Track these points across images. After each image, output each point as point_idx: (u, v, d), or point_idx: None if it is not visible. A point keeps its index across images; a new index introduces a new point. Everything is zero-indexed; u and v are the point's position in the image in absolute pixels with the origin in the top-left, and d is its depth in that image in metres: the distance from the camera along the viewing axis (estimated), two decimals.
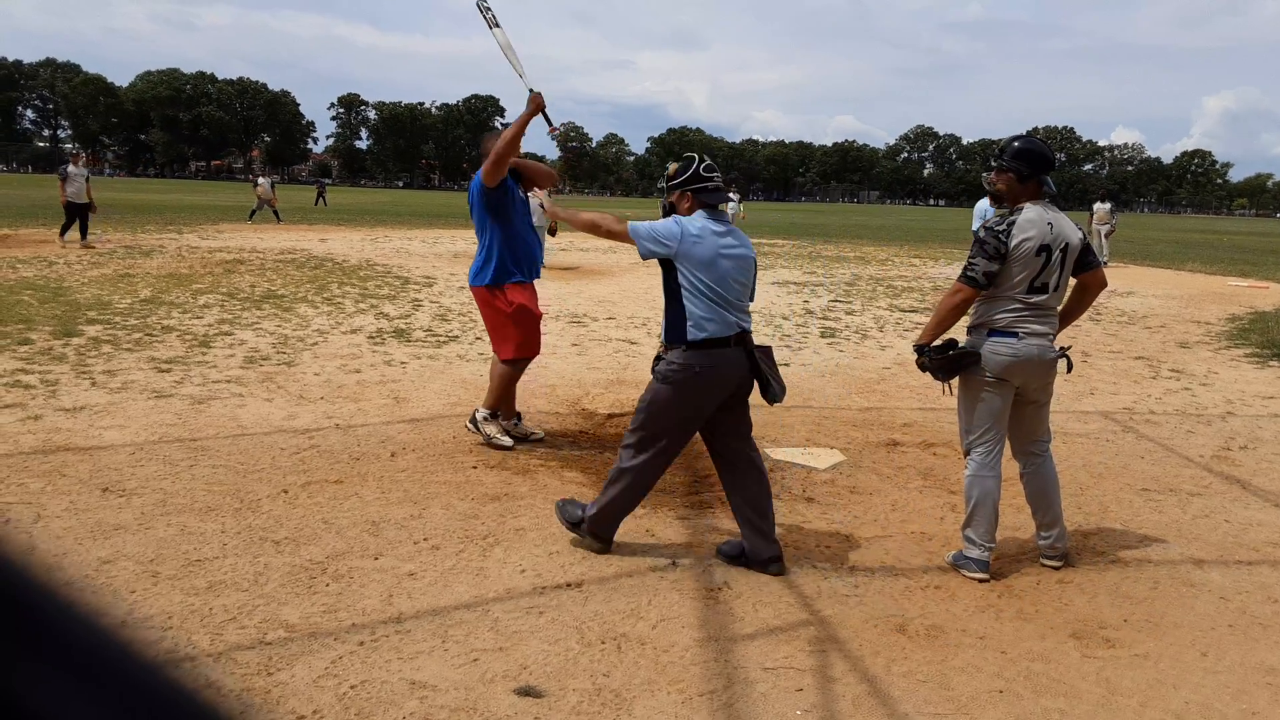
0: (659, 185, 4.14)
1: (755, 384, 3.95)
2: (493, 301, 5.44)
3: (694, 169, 3.96)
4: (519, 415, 5.81)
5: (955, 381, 4.11)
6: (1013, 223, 3.88)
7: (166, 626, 3.18)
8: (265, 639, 3.13)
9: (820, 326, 11.08)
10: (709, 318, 3.80)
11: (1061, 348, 3.98)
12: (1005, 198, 4.02)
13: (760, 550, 3.88)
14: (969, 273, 3.96)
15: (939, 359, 4.03)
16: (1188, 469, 5.66)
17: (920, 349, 4.11)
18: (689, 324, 3.81)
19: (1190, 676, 3.19)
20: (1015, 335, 3.89)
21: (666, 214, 4.04)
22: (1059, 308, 4.02)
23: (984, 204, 17.43)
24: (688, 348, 3.81)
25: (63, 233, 17.34)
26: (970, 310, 4.08)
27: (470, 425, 5.60)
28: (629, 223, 3.99)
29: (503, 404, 5.59)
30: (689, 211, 3.96)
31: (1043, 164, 3.96)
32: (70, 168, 17.23)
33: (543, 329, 5.76)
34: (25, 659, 0.30)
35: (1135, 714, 2.94)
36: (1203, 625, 3.59)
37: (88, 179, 17.31)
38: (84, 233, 17.33)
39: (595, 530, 3.98)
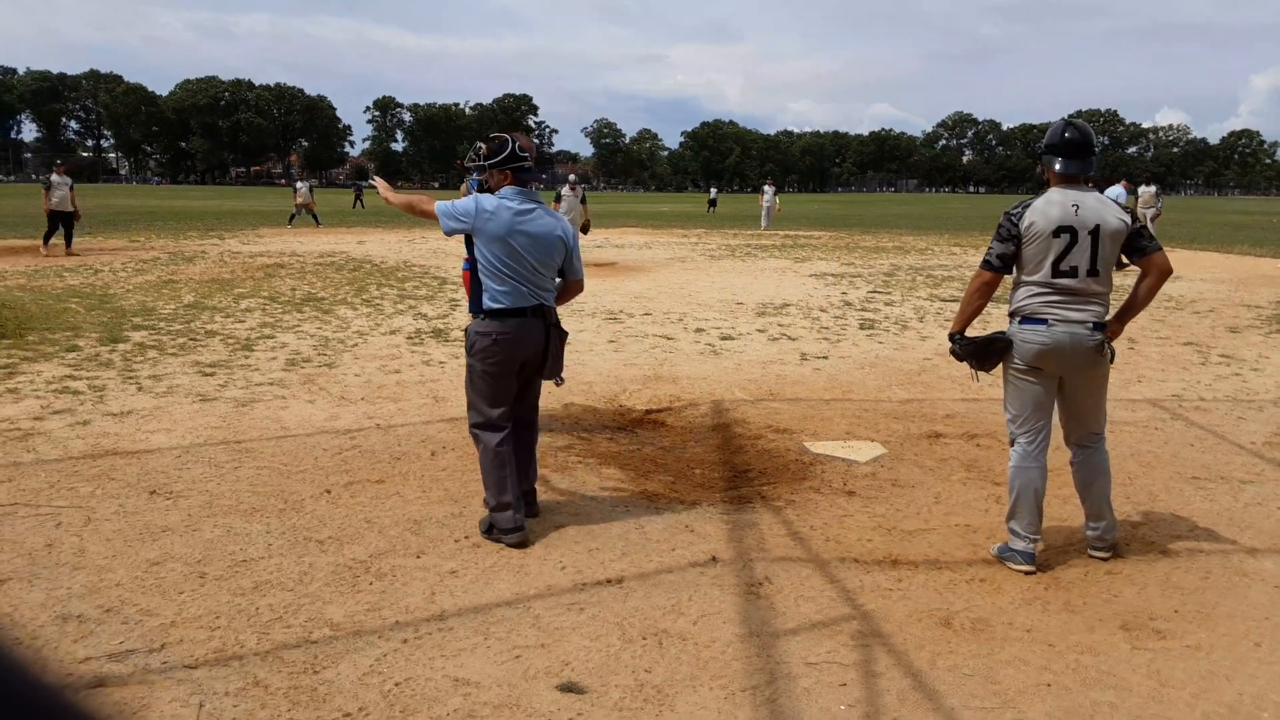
0: (467, 164, 4.43)
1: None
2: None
3: (510, 149, 4.09)
4: None
5: (995, 371, 4.05)
6: (1028, 204, 3.86)
7: (215, 626, 3.23)
8: (311, 638, 3.17)
9: (859, 318, 10.99)
10: (504, 290, 4.02)
11: (1107, 338, 3.86)
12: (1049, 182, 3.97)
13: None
14: (986, 256, 3.98)
15: (969, 347, 3.98)
16: (1239, 456, 5.53)
17: (952, 337, 4.08)
18: (485, 295, 4.05)
19: (1244, 668, 3.12)
20: (1044, 322, 3.81)
21: (482, 190, 4.24)
22: (1104, 293, 3.87)
23: (1116, 189, 17.28)
24: (485, 316, 4.06)
25: (45, 240, 17.79)
26: (1008, 298, 4.03)
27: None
28: (436, 203, 4.18)
29: None
30: (500, 187, 4.12)
31: (1052, 147, 3.89)
32: (54, 177, 17.77)
33: (579, 325, 5.76)
34: None
35: (1187, 706, 2.88)
36: (1256, 615, 3.51)
37: (71, 188, 17.78)
38: (69, 240, 17.76)
39: (491, 513, 4.08)
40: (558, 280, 4.29)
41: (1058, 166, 3.88)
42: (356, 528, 4.17)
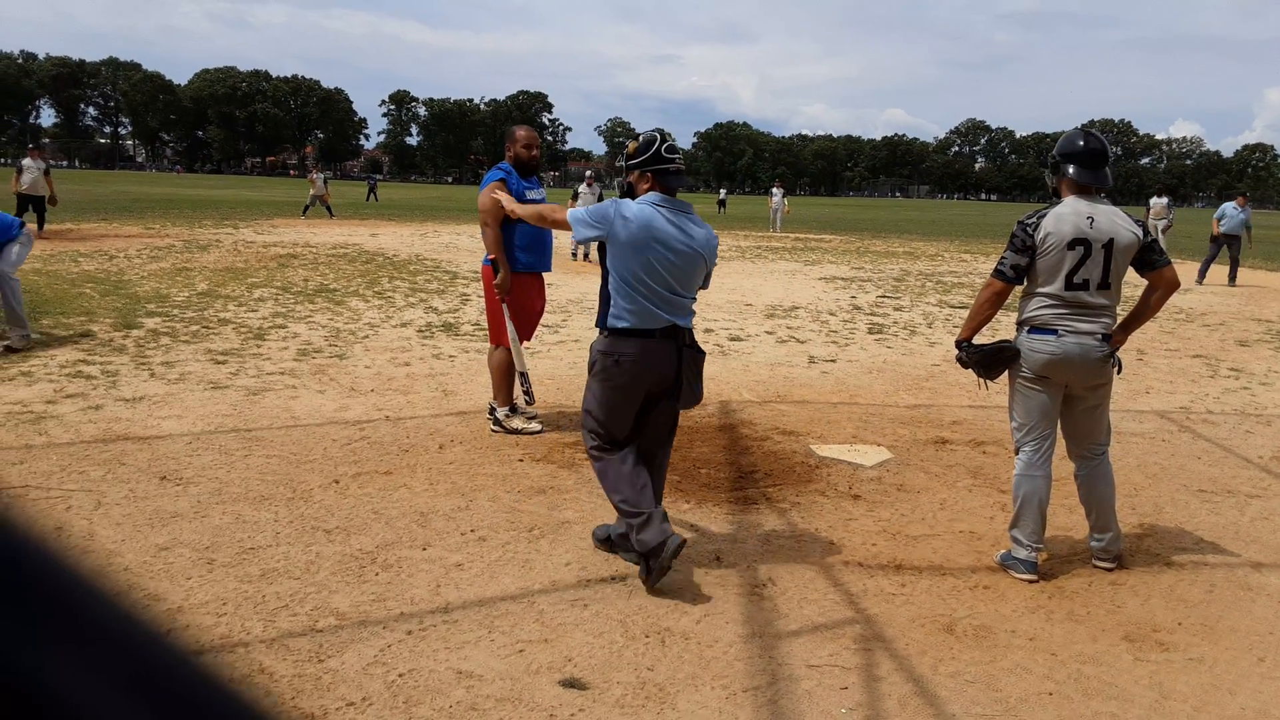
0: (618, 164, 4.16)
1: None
2: (486, 281, 5.69)
3: (655, 149, 3.73)
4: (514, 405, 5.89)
5: (1000, 379, 4.05)
6: (1043, 215, 3.83)
7: (221, 612, 3.26)
8: (317, 626, 3.20)
9: (868, 322, 10.98)
10: (631, 308, 3.63)
11: (1111, 348, 3.86)
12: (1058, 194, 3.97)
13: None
14: (999, 266, 3.92)
15: (976, 354, 3.97)
16: (1246, 470, 5.52)
17: (959, 344, 4.06)
18: (611, 311, 3.68)
19: (1247, 682, 3.12)
20: (1054, 332, 3.80)
21: (624, 194, 3.86)
22: (1112, 305, 3.86)
23: (1228, 206, 17.25)
24: (609, 334, 3.69)
25: None
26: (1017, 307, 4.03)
27: (494, 427, 5.69)
28: (568, 210, 3.90)
29: (507, 390, 5.75)
30: (645, 193, 3.76)
31: (1069, 155, 3.88)
32: (26, 161, 17.87)
33: (587, 323, 5.79)
34: (48, 643, 0.30)
35: (1189, 719, 2.88)
36: (1260, 630, 3.50)
37: (46, 172, 17.85)
38: (41, 224, 17.86)
39: (629, 526, 3.64)
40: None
41: (1073, 174, 3.85)
42: (364, 518, 4.20)
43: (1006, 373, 3.99)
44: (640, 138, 3.82)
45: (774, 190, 35.17)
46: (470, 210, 38.06)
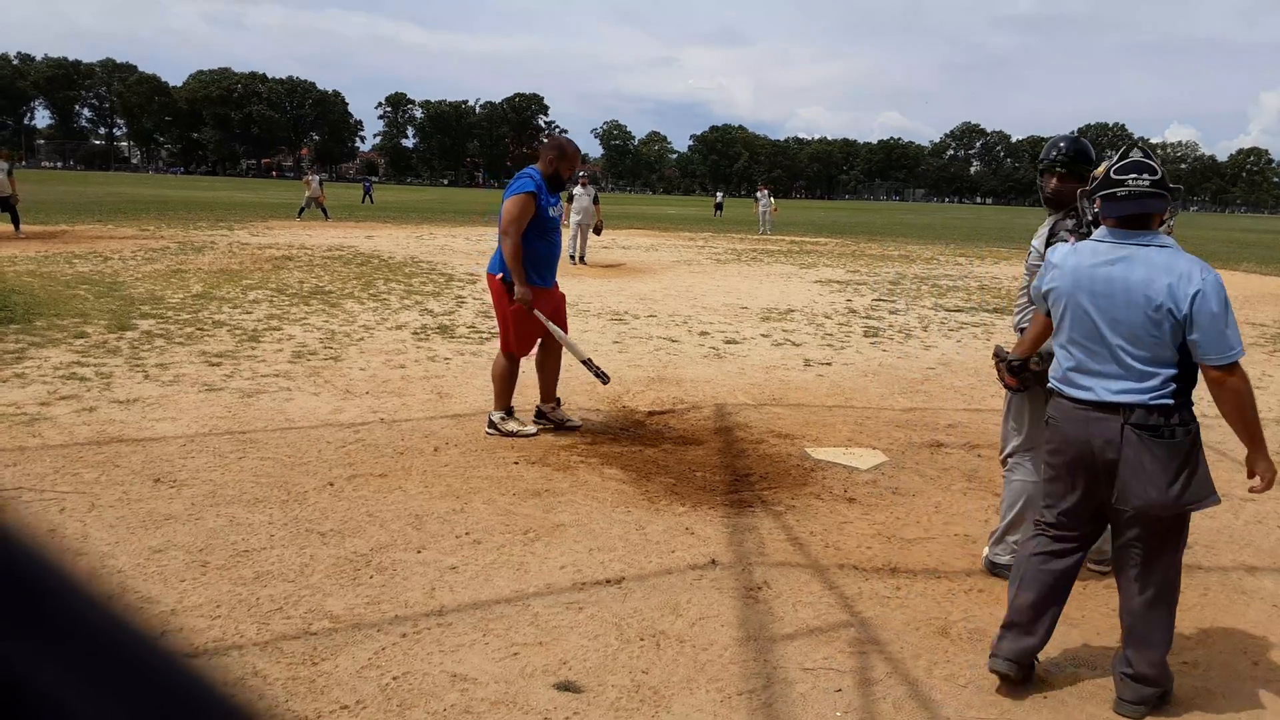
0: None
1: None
2: (503, 294, 5.60)
3: (1105, 174, 3.04)
4: (558, 400, 5.98)
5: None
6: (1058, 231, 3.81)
7: (215, 615, 3.25)
8: (310, 629, 3.19)
9: (863, 325, 10.99)
10: (1059, 373, 3.08)
11: None
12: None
13: None
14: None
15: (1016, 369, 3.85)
16: (1239, 473, 5.50)
17: (1014, 361, 3.73)
18: (1053, 365, 3.16)
19: (1242, 686, 3.12)
20: None
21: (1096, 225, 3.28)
22: None
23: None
24: (1049, 393, 3.16)
25: None
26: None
27: (490, 430, 5.67)
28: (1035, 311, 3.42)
29: (506, 396, 5.74)
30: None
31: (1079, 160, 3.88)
32: None
33: (583, 326, 5.79)
34: (34, 641, 0.30)
35: None
36: (1254, 633, 3.51)
37: (9, 173, 17.89)
38: (16, 224, 17.87)
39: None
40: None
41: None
42: (358, 521, 4.19)
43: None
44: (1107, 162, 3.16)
45: (759, 193, 34.86)
46: (466, 212, 38.06)
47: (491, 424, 5.69)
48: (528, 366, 5.91)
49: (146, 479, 4.60)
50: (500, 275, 5.59)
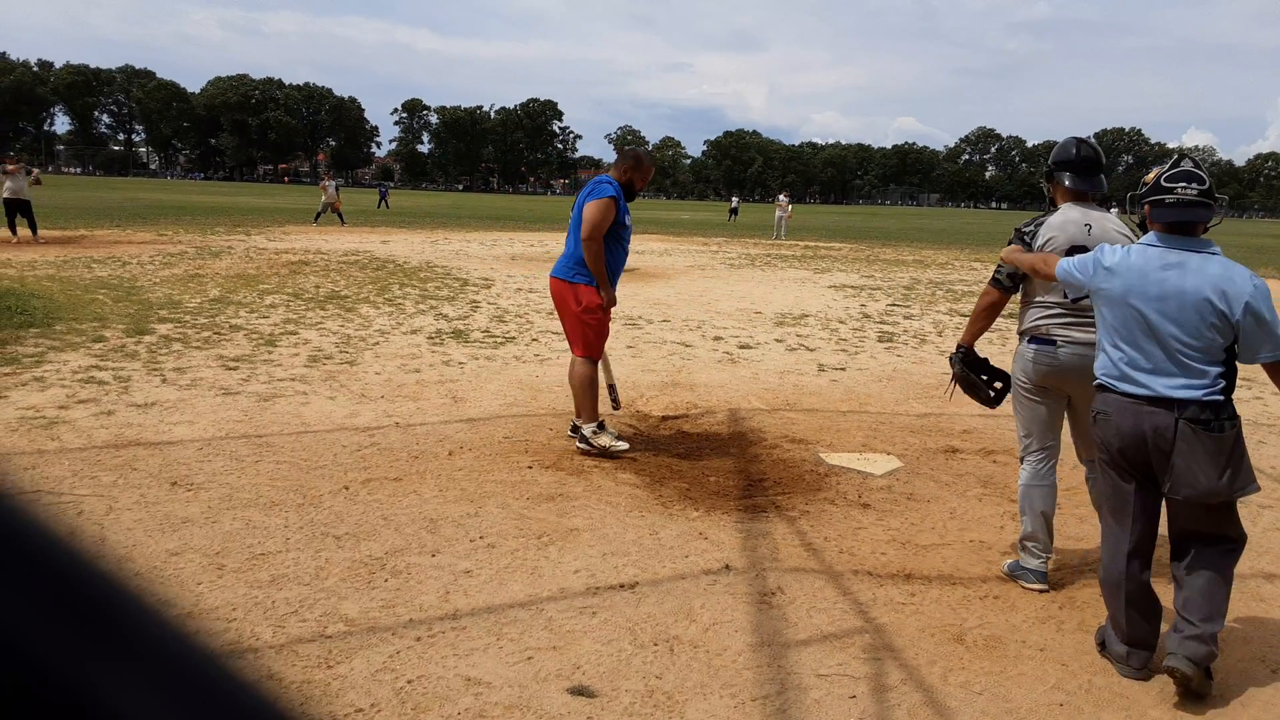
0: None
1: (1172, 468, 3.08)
2: (565, 295, 5.46)
3: (1154, 181, 3.19)
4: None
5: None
6: (1041, 222, 3.84)
7: (231, 618, 3.27)
8: (326, 632, 3.20)
9: (878, 331, 10.96)
10: (1108, 369, 3.20)
11: None
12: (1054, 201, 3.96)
13: None
14: (995, 274, 3.94)
15: (966, 368, 4.11)
16: (1258, 480, 5.48)
17: (960, 349, 4.16)
18: (1098, 360, 3.29)
19: (1260, 694, 3.09)
20: (1053, 343, 3.76)
21: (1143, 229, 3.39)
22: None
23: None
24: (1099, 389, 3.28)
25: None
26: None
27: (581, 444, 5.46)
28: (1058, 263, 3.45)
29: (594, 406, 5.52)
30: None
31: (1063, 163, 3.88)
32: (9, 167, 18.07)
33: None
34: (94, 654, 0.31)
35: None
36: (1272, 641, 3.48)
37: (23, 179, 18.05)
38: (34, 229, 18.00)
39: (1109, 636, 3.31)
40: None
41: (1068, 183, 3.86)
42: (373, 524, 4.21)
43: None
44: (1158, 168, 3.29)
45: (780, 197, 35.40)
46: (481, 217, 38.19)
47: (582, 437, 5.46)
48: (542, 373, 5.89)
49: (164, 482, 4.63)
50: (569, 280, 5.43)
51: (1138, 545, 3.22)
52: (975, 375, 4.15)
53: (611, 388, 5.91)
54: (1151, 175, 3.27)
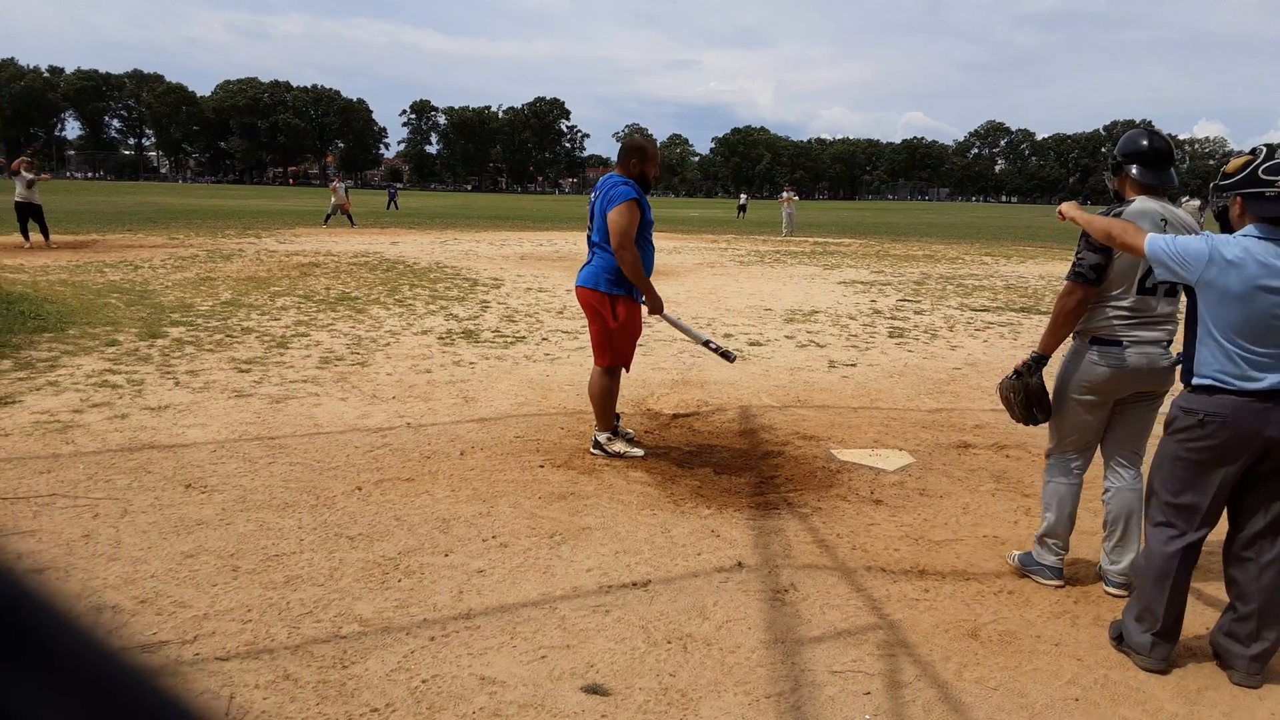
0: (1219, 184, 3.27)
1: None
2: (599, 308, 5.27)
3: (1250, 169, 3.12)
4: (618, 415, 5.66)
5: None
6: (1119, 213, 3.55)
7: (246, 619, 3.28)
8: (340, 633, 3.21)
9: (888, 326, 10.93)
10: (1222, 368, 3.07)
11: (1177, 354, 3.53)
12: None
13: None
14: (1076, 268, 3.60)
15: (1036, 387, 3.79)
16: None
17: (1039, 360, 3.79)
18: (1195, 360, 3.15)
19: (1277, 690, 3.07)
20: (1119, 344, 3.58)
21: (1220, 219, 3.33)
22: (1174, 313, 3.64)
23: None
24: (1193, 390, 3.17)
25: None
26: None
27: (595, 450, 5.43)
28: (1148, 236, 3.24)
29: (610, 415, 5.47)
30: (1241, 223, 3.15)
31: (1133, 155, 3.64)
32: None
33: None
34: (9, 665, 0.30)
35: None
36: None
37: (30, 184, 17.98)
38: (45, 233, 18.05)
39: (1136, 624, 3.29)
40: None
41: (1136, 175, 3.62)
42: (386, 525, 4.22)
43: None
44: (1241, 157, 3.22)
45: (784, 193, 35.11)
46: (490, 218, 38.24)
47: (597, 444, 5.44)
48: (553, 372, 5.88)
49: (178, 485, 4.66)
50: (606, 292, 5.23)
51: (1200, 539, 3.23)
52: (1041, 396, 3.83)
53: (708, 343, 5.81)
54: (1233, 165, 3.17)
